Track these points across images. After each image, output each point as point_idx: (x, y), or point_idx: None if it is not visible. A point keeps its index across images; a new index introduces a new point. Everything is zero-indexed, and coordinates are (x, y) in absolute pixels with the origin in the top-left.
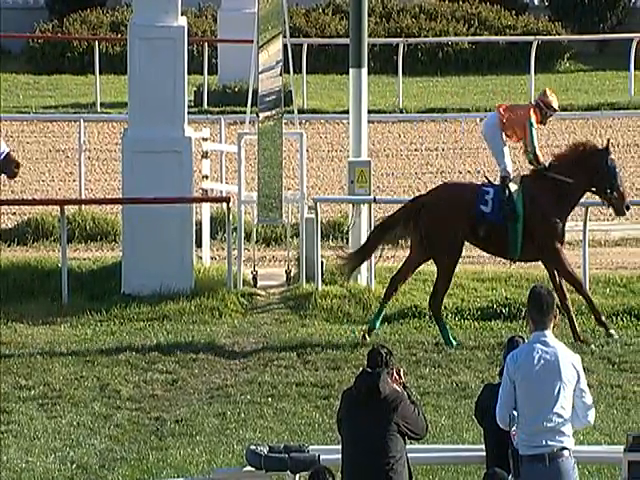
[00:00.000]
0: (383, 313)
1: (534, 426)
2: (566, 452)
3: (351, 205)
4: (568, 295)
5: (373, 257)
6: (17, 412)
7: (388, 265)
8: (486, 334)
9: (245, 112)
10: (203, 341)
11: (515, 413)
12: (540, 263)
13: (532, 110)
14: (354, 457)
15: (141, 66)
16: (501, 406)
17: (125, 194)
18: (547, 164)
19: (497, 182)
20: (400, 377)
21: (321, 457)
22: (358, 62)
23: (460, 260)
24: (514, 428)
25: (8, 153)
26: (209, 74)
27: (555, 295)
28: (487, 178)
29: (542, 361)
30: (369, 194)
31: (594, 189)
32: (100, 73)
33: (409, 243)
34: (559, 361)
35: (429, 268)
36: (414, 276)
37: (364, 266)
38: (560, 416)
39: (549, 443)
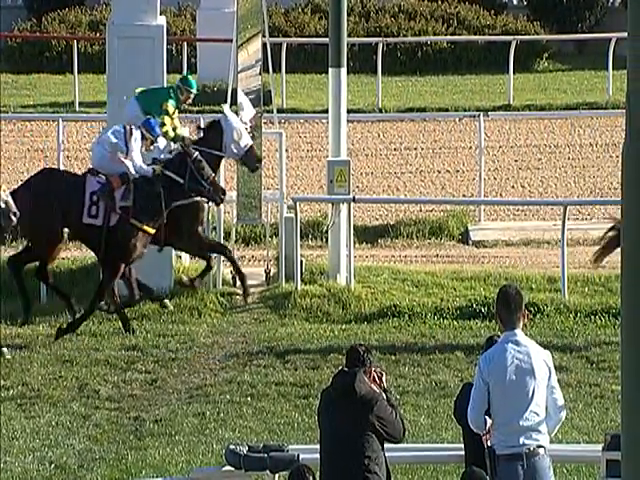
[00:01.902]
0: None
1: (510, 426)
2: (542, 450)
3: (330, 204)
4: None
5: (352, 257)
6: None
7: (367, 264)
8: (465, 333)
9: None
10: (182, 341)
11: (488, 420)
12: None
13: None
14: (330, 456)
15: (120, 65)
16: (474, 409)
17: None
18: None
19: None
20: (381, 381)
21: (300, 456)
22: (337, 62)
23: (439, 259)
24: (486, 430)
25: None
26: (188, 73)
27: (524, 294)
28: None
29: (515, 361)
30: (348, 193)
31: None
32: (79, 72)
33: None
34: (532, 359)
35: (409, 268)
36: (394, 276)
37: (343, 265)
38: (536, 414)
39: (526, 442)
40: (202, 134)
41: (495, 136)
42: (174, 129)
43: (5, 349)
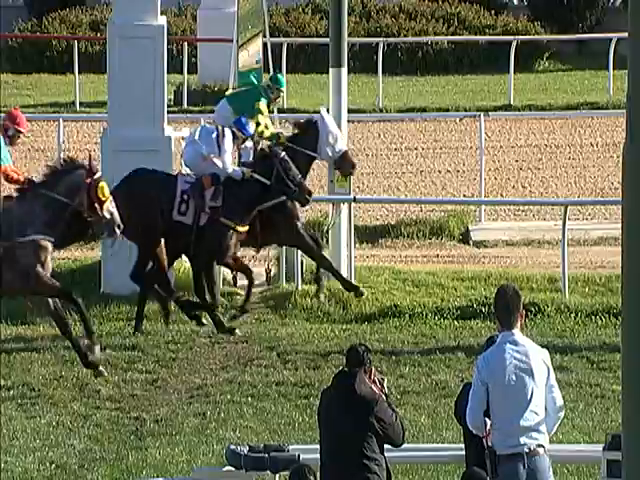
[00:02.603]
0: None
1: (510, 426)
2: (542, 450)
3: (331, 204)
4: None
5: (352, 257)
6: None
7: (368, 264)
8: (466, 333)
9: None
10: (183, 341)
11: (488, 421)
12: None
13: None
14: (331, 456)
15: (121, 65)
16: (473, 410)
17: None
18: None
19: None
20: (383, 387)
21: (301, 456)
22: (338, 61)
23: (440, 259)
24: (486, 431)
25: None
26: (189, 73)
27: (521, 294)
28: None
29: (514, 361)
30: (349, 193)
31: None
32: (79, 72)
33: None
34: (530, 359)
35: (409, 268)
36: (394, 276)
37: (344, 265)
38: (536, 414)
39: (526, 442)
40: (297, 131)
41: (496, 136)
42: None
43: None
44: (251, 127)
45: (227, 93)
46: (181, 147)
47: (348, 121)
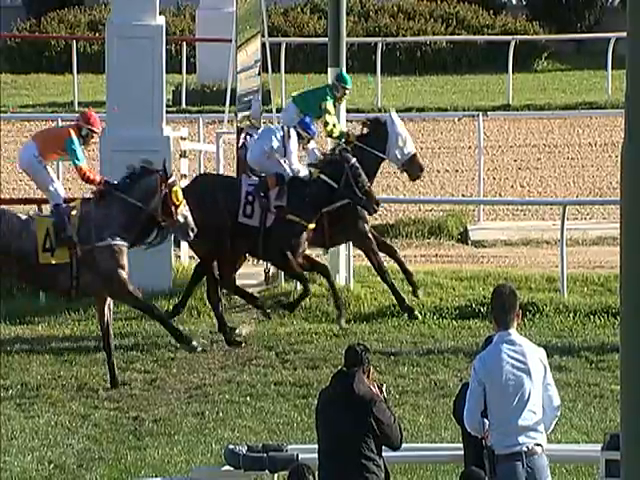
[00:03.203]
0: None
1: (508, 426)
2: (540, 449)
3: None
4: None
5: (351, 256)
6: None
7: (366, 264)
8: (464, 333)
9: (224, 111)
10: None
11: (486, 421)
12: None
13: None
14: (330, 456)
15: (119, 65)
16: (470, 412)
17: None
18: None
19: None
20: (381, 392)
21: (300, 456)
22: (336, 61)
23: (438, 259)
24: (484, 432)
25: None
26: (187, 73)
27: (518, 294)
28: None
29: (511, 360)
30: None
31: None
32: (78, 72)
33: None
34: (527, 359)
35: (408, 267)
36: (393, 276)
37: (342, 265)
38: (533, 413)
39: (524, 441)
40: (366, 132)
41: (494, 136)
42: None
43: None
44: (316, 127)
45: (293, 94)
46: (179, 147)
47: (347, 121)
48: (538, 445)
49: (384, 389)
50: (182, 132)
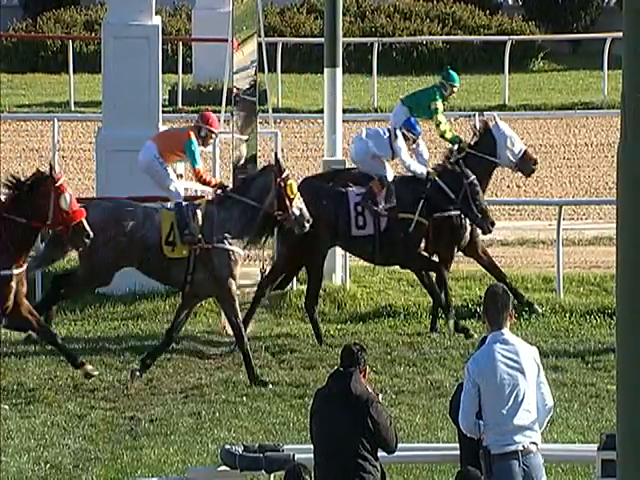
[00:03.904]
0: None
1: (504, 425)
2: (535, 447)
3: None
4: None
5: (348, 256)
6: None
7: (362, 264)
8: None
9: (220, 111)
10: (178, 340)
11: (481, 423)
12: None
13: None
14: (326, 456)
15: (115, 65)
16: (465, 414)
17: (99, 193)
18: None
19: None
20: (377, 396)
21: (296, 456)
22: (333, 61)
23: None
24: (480, 434)
25: None
26: (184, 73)
27: (510, 294)
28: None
29: (505, 360)
30: None
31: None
32: (74, 72)
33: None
34: (521, 358)
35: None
36: (389, 275)
37: (339, 265)
38: (528, 412)
39: (520, 440)
40: (476, 139)
41: None
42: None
43: (6, 406)
44: (421, 127)
45: (402, 96)
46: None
47: (343, 121)
48: (533, 444)
49: (380, 398)
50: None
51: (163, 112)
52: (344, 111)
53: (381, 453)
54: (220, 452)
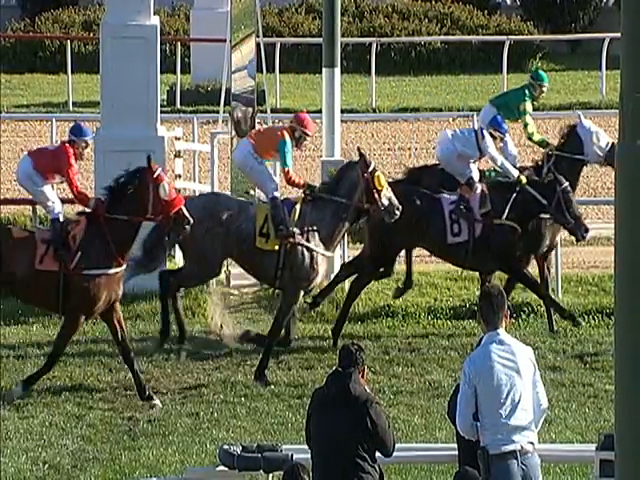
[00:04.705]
0: None
1: (502, 426)
2: (532, 447)
3: None
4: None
5: (346, 256)
6: None
7: None
8: (459, 333)
9: (218, 111)
10: (176, 340)
11: (478, 424)
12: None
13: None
14: (325, 456)
15: (113, 65)
16: (462, 415)
17: (97, 194)
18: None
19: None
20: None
21: (294, 456)
22: (331, 62)
23: (433, 259)
24: (477, 437)
25: None
26: (182, 73)
27: (505, 294)
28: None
29: (502, 360)
30: None
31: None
32: (72, 72)
33: None
34: (517, 358)
35: (402, 268)
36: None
37: (337, 265)
38: (525, 412)
39: (518, 439)
40: (562, 140)
41: None
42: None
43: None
44: (507, 125)
45: (491, 97)
46: (174, 147)
47: (341, 121)
48: (531, 443)
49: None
50: (176, 132)
51: (161, 112)
52: (342, 111)
53: (378, 455)
54: (218, 452)
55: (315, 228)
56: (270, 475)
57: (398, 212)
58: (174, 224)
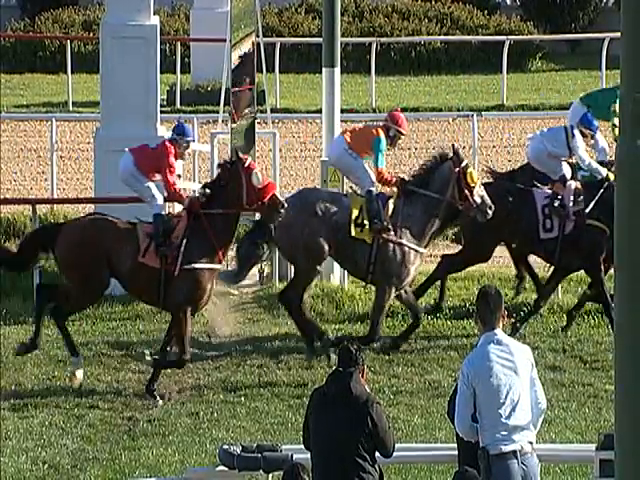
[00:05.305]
0: None
1: (501, 426)
2: (531, 447)
3: None
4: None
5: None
6: None
7: None
8: (459, 333)
9: (218, 111)
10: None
11: (477, 425)
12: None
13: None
14: (325, 456)
15: (113, 65)
16: (461, 416)
17: (97, 193)
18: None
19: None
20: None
21: (294, 456)
22: (331, 61)
23: (433, 259)
24: (477, 438)
25: None
26: (182, 73)
27: (502, 294)
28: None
29: (500, 360)
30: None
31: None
32: (72, 72)
33: None
34: (515, 357)
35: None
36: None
37: (337, 265)
38: (524, 412)
39: (518, 439)
40: None
41: (488, 136)
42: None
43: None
44: (597, 123)
45: (581, 95)
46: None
47: (341, 121)
48: (530, 443)
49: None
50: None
51: (161, 112)
52: (342, 111)
53: (377, 455)
54: (218, 452)
55: (408, 224)
56: (270, 475)
57: (490, 211)
58: (268, 210)
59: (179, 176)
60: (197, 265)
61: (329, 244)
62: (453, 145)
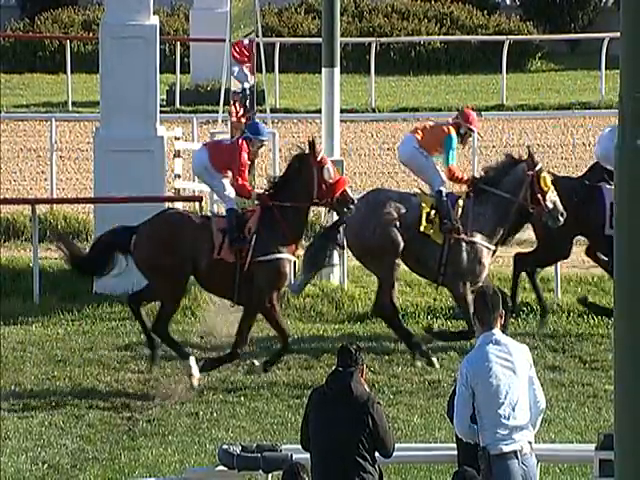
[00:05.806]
0: None
1: (501, 426)
2: (530, 447)
3: None
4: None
5: (345, 256)
6: None
7: (360, 265)
8: None
9: (217, 111)
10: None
11: (475, 427)
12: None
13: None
14: (325, 455)
15: (113, 65)
16: (460, 417)
17: (97, 193)
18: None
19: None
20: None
21: (294, 456)
22: (330, 61)
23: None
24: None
25: None
26: (181, 73)
27: (501, 294)
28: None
29: (499, 360)
30: None
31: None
32: (72, 72)
33: None
34: (513, 357)
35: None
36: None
37: (336, 273)
38: (523, 411)
39: (517, 439)
40: None
41: (488, 136)
42: None
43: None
44: None
45: None
46: (173, 147)
47: (341, 121)
48: (529, 443)
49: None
50: (176, 132)
51: (161, 112)
52: (342, 111)
53: (377, 455)
54: (218, 452)
55: (478, 223)
56: (269, 475)
57: (562, 218)
58: (338, 205)
59: (178, 176)
60: (272, 256)
61: (404, 244)
62: (528, 147)
